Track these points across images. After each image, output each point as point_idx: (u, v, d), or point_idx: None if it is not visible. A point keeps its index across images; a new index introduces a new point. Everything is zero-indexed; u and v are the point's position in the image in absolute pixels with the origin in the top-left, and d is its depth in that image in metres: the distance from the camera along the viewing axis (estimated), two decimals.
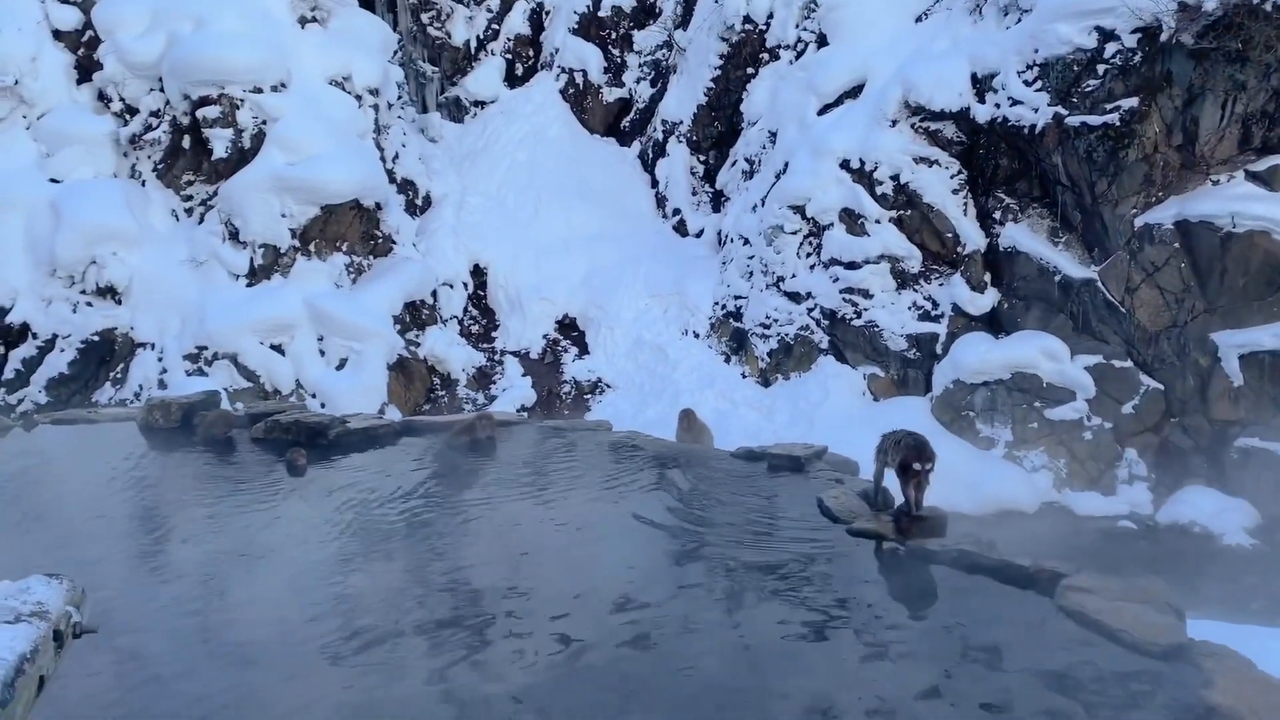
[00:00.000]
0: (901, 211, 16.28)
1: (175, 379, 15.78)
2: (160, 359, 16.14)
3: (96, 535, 6.92)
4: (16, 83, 16.35)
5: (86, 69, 17.05)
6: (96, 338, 15.94)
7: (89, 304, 16.00)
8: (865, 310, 16.54)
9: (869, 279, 16.49)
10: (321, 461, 8.67)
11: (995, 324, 15.72)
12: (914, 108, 16.08)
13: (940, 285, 16.15)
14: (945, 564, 5.83)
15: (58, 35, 17.00)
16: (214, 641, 5.19)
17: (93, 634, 2.35)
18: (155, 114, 16.95)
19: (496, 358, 18.88)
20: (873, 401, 16.53)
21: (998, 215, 15.69)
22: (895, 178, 16.19)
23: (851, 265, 16.55)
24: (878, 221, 16.34)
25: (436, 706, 4.46)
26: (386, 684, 4.62)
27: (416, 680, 4.68)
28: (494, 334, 19.32)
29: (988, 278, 15.84)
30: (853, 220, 16.54)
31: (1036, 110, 14.65)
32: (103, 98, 17.04)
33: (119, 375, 16.05)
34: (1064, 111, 14.35)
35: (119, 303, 16.17)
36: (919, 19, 17.37)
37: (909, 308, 16.35)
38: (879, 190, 16.34)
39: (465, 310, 19.35)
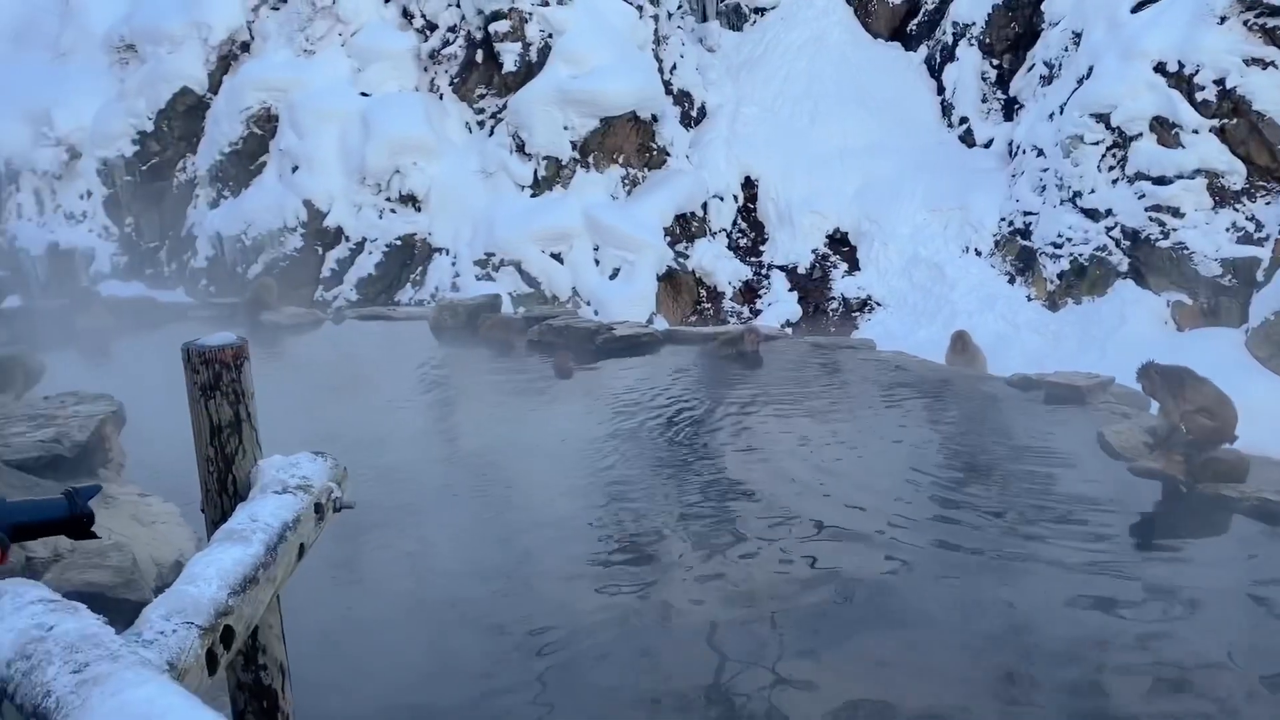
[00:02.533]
0: (1225, 120, 14.46)
1: (466, 282, 16.84)
2: (454, 263, 17.25)
3: (391, 418, 7.58)
4: (334, 2, 17.69)
5: None
6: (399, 242, 17.24)
7: (393, 210, 17.29)
8: (1174, 230, 14.96)
9: (1181, 196, 14.87)
10: (588, 365, 9.02)
11: None
12: (1248, 1, 14.12)
13: (1267, 204, 14.30)
14: (1242, 512, 5.27)
15: None
16: (484, 528, 5.56)
17: (350, 509, 2.55)
18: (452, 29, 17.85)
19: (763, 272, 18.75)
20: (1176, 331, 15.03)
21: None
22: (1220, 82, 14.37)
23: (1161, 180, 14.97)
24: (1195, 132, 14.63)
25: (689, 609, 4.55)
26: (644, 585, 4.78)
27: (674, 582, 4.80)
28: (762, 248, 19.16)
29: None
30: (1165, 130, 14.90)
31: None
32: (406, 14, 18.12)
33: (418, 277, 17.33)
34: None
35: (419, 210, 17.36)
36: None
37: (1227, 228, 14.62)
38: (1199, 96, 14.58)
39: (734, 223, 19.28)
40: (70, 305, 12.09)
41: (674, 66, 19.56)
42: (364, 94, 17.60)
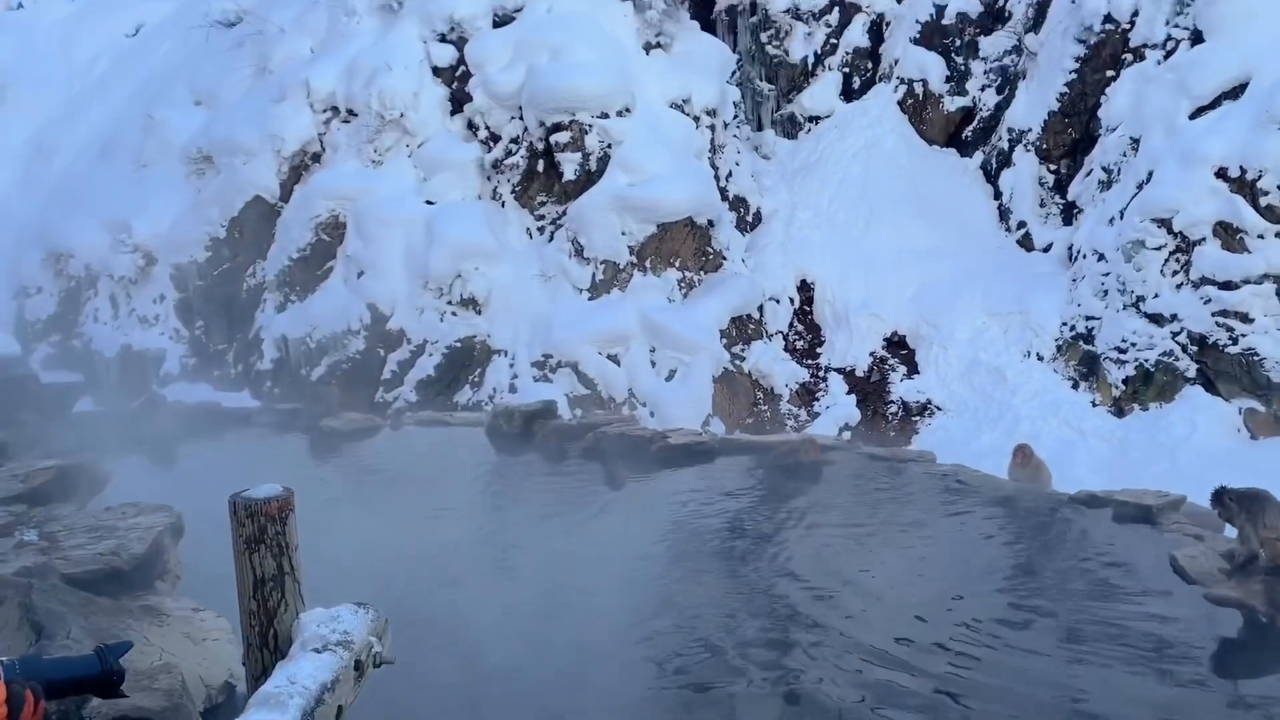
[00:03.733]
0: None
1: (524, 384, 16.99)
2: (512, 365, 17.44)
3: (440, 529, 7.58)
4: (402, 115, 18.35)
5: (458, 101, 18.80)
6: (459, 344, 17.49)
7: (454, 314, 17.60)
8: (1243, 336, 14.63)
9: (1249, 301, 14.58)
10: (641, 475, 8.96)
11: None
12: None
13: None
14: None
15: (436, 72, 18.88)
16: (549, 640, 5.47)
17: (391, 665, 2.51)
18: (515, 140, 18.38)
19: (820, 374, 18.65)
20: (1250, 440, 14.58)
21: None
22: None
23: (1227, 285, 14.71)
24: (1260, 237, 14.41)
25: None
26: (699, 695, 4.65)
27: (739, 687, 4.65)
28: (819, 350, 19.10)
29: None
30: (1230, 235, 14.70)
31: None
32: (471, 126, 18.72)
33: (476, 379, 17.52)
34: None
35: (479, 313, 17.65)
36: None
37: None
38: (1263, 201, 14.40)
39: (790, 325, 19.29)
40: (138, 410, 12.41)
41: (730, 173, 19.87)
42: (429, 202, 18.11)
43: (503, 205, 18.40)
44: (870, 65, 22.54)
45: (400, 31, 18.90)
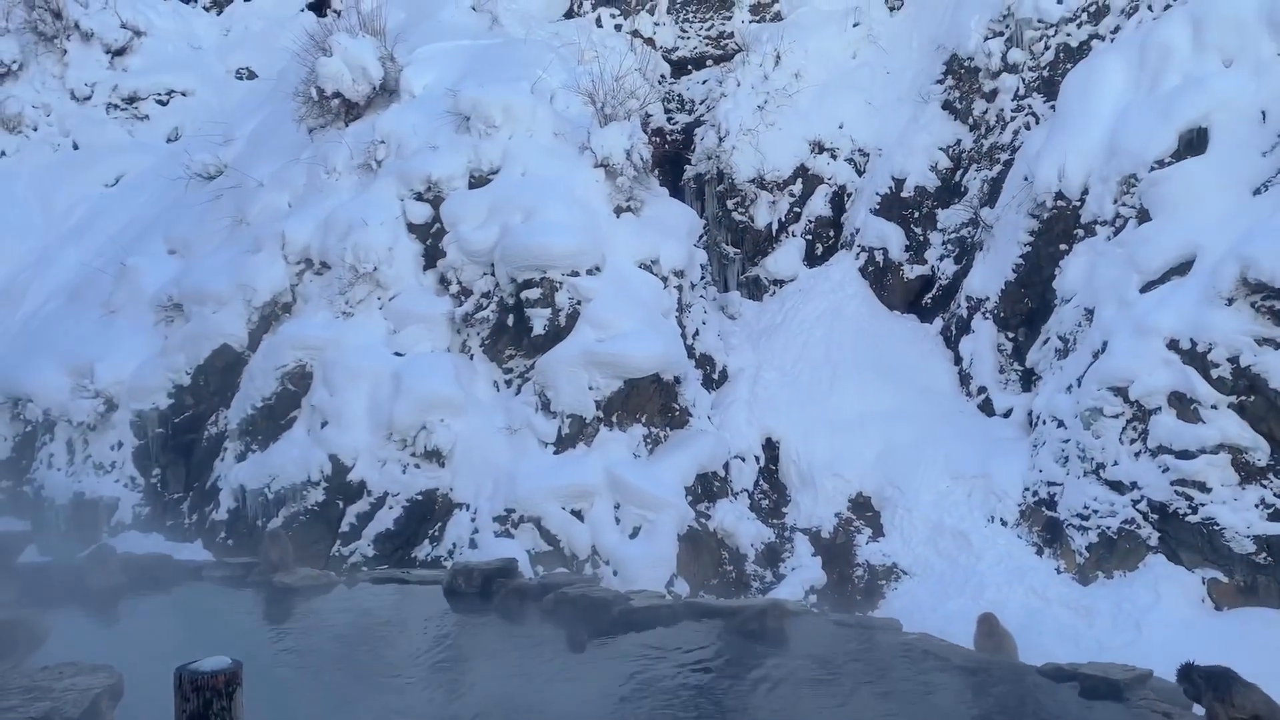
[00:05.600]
0: (1243, 397, 14.62)
1: (485, 539, 16.69)
2: (473, 519, 17.17)
3: (394, 697, 7.29)
4: (375, 269, 18.61)
5: (432, 256, 19.15)
6: (420, 497, 17.26)
7: (416, 465, 17.42)
8: (1202, 505, 14.78)
9: (1205, 470, 14.80)
10: (604, 639, 8.75)
11: None
12: (1254, 285, 14.62)
13: None
14: None
15: (411, 228, 19.27)
16: None
17: None
18: (486, 295, 18.66)
19: (786, 534, 18.52)
20: (1214, 610, 14.53)
21: None
22: (1233, 360, 14.65)
23: (1184, 454, 14.96)
24: (1214, 407, 14.76)
25: None
26: None
27: None
28: (784, 509, 19.04)
29: None
30: (1184, 405, 15.05)
31: None
32: (443, 281, 19.01)
33: (436, 533, 17.21)
34: None
35: (442, 465, 17.49)
36: (1257, 191, 15.97)
37: (1256, 505, 14.44)
38: (1214, 373, 14.82)
39: (756, 484, 19.27)
40: (86, 561, 12.02)
41: (697, 332, 20.23)
42: (397, 354, 18.19)
43: (471, 358, 18.51)
44: (832, 233, 23.42)
45: (378, 189, 19.38)
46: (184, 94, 28.97)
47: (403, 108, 20.33)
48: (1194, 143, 16.98)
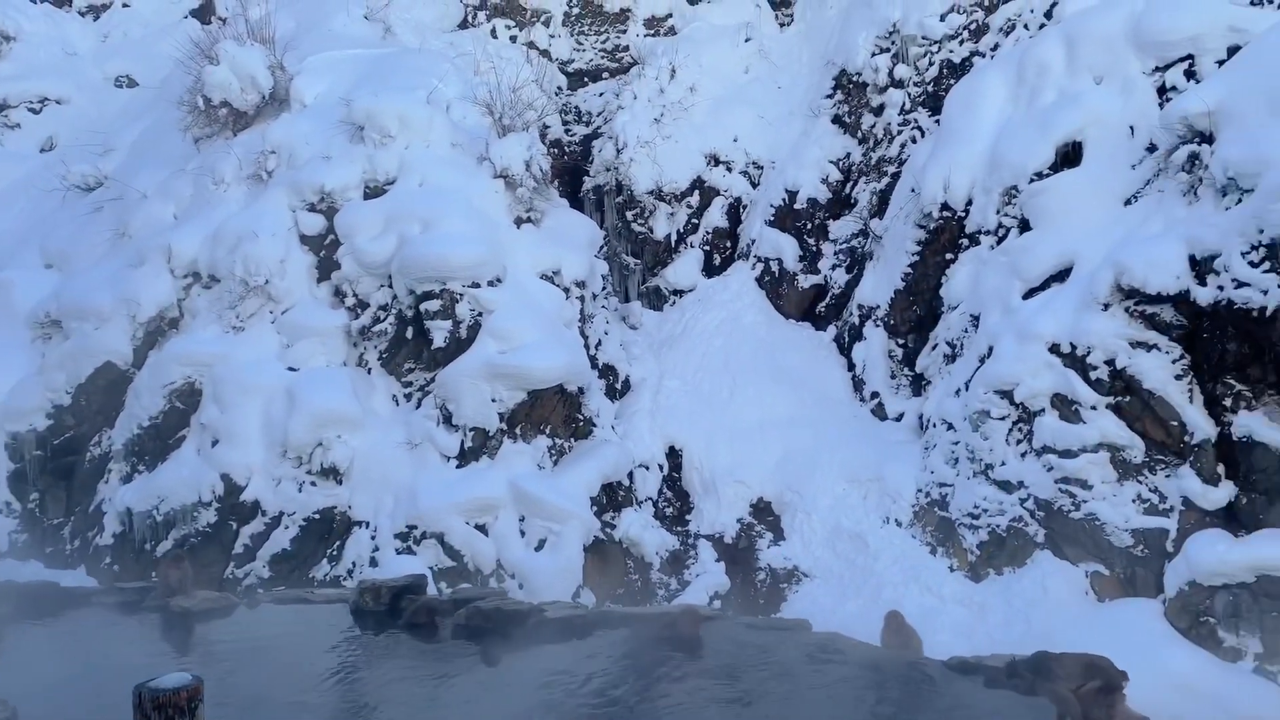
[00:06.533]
0: (1119, 398, 15.39)
1: (386, 557, 16.38)
2: (373, 537, 16.85)
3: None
4: (267, 282, 18.12)
5: (326, 268, 18.74)
6: (317, 515, 16.85)
7: (313, 483, 17.01)
8: (1084, 502, 15.49)
9: (1087, 468, 15.51)
10: (519, 651, 8.71)
11: (1233, 520, 14.34)
12: (1127, 291, 15.43)
13: (1167, 477, 14.98)
14: None
15: (304, 240, 18.84)
16: None
17: None
18: (383, 308, 18.35)
19: (690, 541, 18.71)
20: (1097, 602, 15.22)
21: (1228, 403, 14.56)
22: (1110, 362, 15.42)
23: (1066, 453, 15.66)
24: (1093, 408, 15.49)
25: None
26: None
27: None
28: (688, 517, 19.23)
29: (1221, 469, 14.58)
30: (1066, 406, 15.77)
31: (1266, 292, 13.73)
32: (338, 294, 18.62)
33: (335, 552, 16.83)
34: None
35: (340, 482, 17.12)
36: (1128, 202, 16.86)
37: (1133, 500, 15.21)
38: (1093, 375, 15.57)
39: (660, 492, 19.43)
40: None
41: (599, 342, 20.30)
42: (291, 368, 17.74)
43: (369, 372, 18.18)
44: (729, 244, 23.81)
45: (269, 200, 18.89)
46: (58, 101, 27.75)
47: (294, 117, 19.88)
48: (1070, 156, 17.83)
